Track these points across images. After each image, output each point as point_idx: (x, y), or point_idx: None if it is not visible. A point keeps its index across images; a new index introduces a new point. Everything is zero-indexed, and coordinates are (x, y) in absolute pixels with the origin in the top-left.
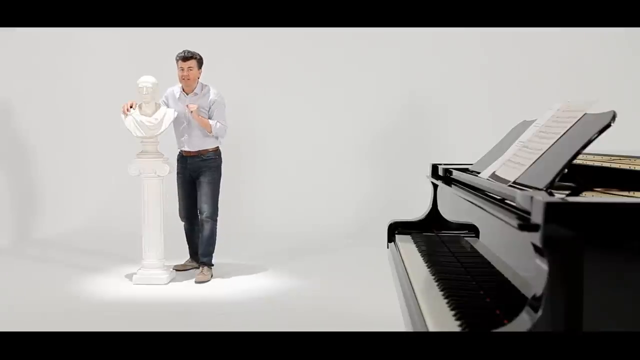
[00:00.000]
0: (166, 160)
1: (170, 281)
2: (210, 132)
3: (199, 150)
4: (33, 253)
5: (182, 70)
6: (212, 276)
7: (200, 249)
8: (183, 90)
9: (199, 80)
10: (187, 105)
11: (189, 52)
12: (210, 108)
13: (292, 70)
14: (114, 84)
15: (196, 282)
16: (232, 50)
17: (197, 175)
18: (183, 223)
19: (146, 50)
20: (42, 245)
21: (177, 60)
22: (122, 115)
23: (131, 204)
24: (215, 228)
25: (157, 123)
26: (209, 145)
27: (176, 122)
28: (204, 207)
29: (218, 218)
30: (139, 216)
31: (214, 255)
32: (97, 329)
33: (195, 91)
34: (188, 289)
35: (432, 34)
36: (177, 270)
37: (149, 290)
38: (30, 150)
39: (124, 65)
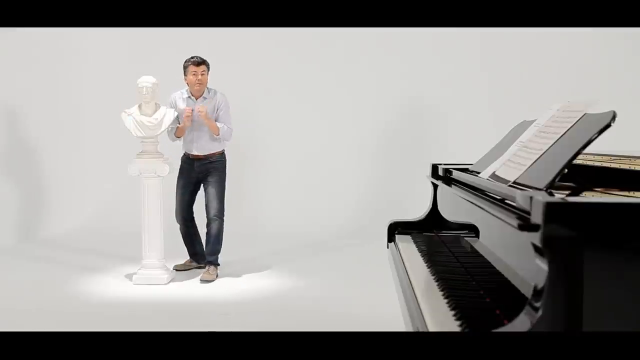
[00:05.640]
0: (166, 160)
1: (170, 281)
2: (217, 134)
3: (207, 154)
4: (34, 253)
5: (196, 74)
6: (217, 276)
7: (207, 248)
8: (191, 94)
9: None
10: (197, 109)
11: (200, 57)
12: (217, 111)
13: (293, 70)
14: (114, 84)
15: (201, 280)
16: (233, 50)
17: (205, 176)
18: (179, 226)
19: (146, 50)
20: (43, 245)
21: (189, 65)
22: (122, 115)
23: (131, 204)
24: (222, 227)
25: (157, 123)
26: (217, 148)
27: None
28: (212, 206)
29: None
30: (139, 216)
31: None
32: (97, 329)
33: (204, 95)
34: (188, 289)
35: (432, 34)
36: (177, 270)
37: (149, 290)
38: (30, 150)
39: (124, 65)
